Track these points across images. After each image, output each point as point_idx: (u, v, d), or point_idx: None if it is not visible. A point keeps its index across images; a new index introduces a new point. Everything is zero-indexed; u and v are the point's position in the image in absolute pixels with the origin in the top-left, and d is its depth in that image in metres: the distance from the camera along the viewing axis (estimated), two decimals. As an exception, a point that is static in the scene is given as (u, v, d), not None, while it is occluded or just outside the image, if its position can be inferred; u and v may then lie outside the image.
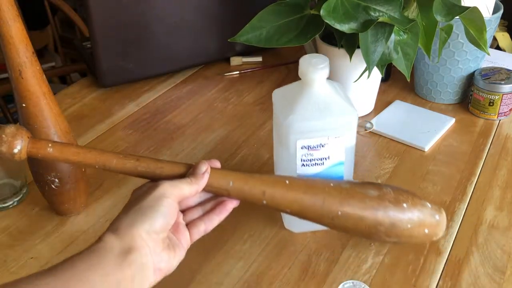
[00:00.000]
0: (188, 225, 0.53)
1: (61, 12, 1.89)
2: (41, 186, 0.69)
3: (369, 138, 0.87)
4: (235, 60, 1.12)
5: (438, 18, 0.76)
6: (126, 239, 0.45)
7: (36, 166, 0.67)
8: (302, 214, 0.55)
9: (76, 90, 1.05)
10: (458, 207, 0.72)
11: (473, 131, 0.88)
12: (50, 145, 0.51)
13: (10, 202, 0.74)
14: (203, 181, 0.52)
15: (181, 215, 0.53)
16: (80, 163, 0.51)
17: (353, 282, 0.57)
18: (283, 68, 1.11)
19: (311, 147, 0.61)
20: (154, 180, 0.52)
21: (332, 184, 0.55)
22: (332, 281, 0.62)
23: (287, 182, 0.54)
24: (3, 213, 0.74)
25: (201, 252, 0.66)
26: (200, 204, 0.55)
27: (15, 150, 0.49)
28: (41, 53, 2.14)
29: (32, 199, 0.76)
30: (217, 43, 1.08)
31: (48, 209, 0.73)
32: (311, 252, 0.66)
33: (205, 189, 0.53)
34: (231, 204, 0.54)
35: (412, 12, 0.77)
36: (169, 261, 0.48)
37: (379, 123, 0.90)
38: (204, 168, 0.52)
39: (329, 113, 0.60)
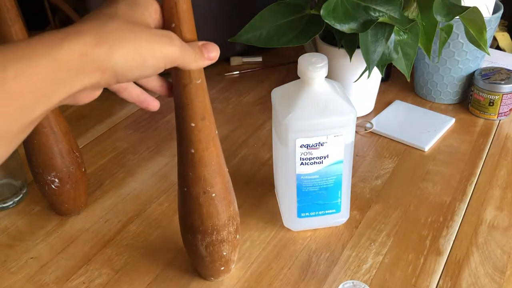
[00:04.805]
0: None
1: (61, 12, 1.89)
2: (41, 186, 0.69)
3: (369, 138, 0.87)
4: (235, 60, 1.12)
5: (438, 18, 0.76)
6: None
7: (36, 166, 0.67)
8: None
9: (76, 90, 1.05)
10: (458, 207, 0.72)
11: (473, 131, 0.88)
12: None
13: (10, 202, 0.74)
14: (203, 64, 0.45)
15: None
16: None
17: (353, 282, 0.57)
18: (283, 68, 1.11)
19: (310, 145, 0.61)
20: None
21: None
22: (332, 281, 0.62)
23: None
24: (3, 213, 0.74)
25: (201, 252, 0.66)
26: None
27: None
28: (41, 54, 2.13)
29: (32, 199, 0.76)
30: (217, 43, 1.07)
31: (48, 209, 0.73)
32: (311, 252, 0.66)
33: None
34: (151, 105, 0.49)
35: (412, 12, 0.77)
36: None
37: (379, 123, 0.90)
38: (216, 53, 0.46)
39: (328, 112, 0.60)
